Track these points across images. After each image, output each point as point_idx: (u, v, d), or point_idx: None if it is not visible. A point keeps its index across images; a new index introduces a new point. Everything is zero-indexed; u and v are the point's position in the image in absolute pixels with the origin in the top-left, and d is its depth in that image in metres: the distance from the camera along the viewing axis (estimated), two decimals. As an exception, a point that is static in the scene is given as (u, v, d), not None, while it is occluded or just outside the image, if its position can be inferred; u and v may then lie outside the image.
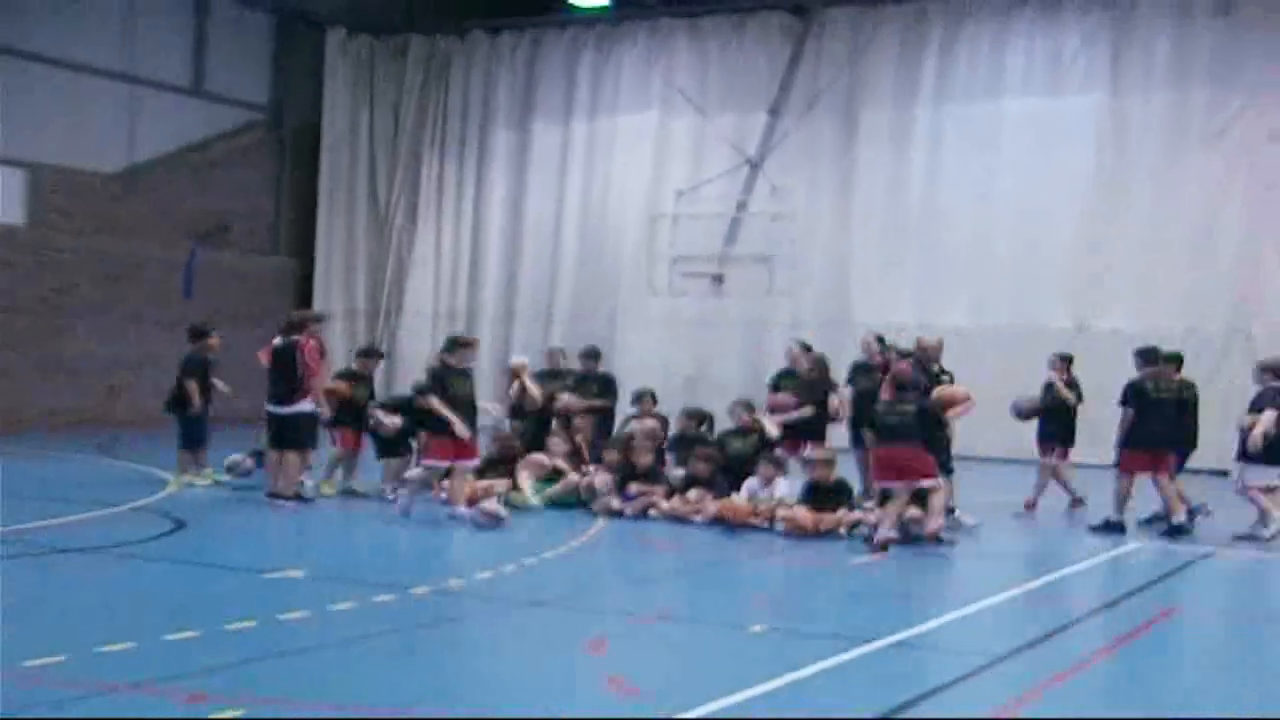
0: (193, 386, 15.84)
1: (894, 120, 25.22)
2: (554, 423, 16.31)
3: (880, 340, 15.86)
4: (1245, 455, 14.32)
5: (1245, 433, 14.29)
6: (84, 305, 24.67)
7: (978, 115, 24.52)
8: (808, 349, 16.11)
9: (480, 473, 14.64)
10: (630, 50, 27.66)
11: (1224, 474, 15.96)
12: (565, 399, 16.45)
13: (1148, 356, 14.93)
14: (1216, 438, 21.27)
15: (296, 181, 29.39)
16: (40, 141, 23.90)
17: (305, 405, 14.60)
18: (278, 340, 14.93)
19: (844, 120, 25.64)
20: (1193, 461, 15.86)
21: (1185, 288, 22.71)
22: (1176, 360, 15.33)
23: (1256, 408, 14.32)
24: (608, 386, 17.10)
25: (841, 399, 15.46)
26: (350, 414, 15.55)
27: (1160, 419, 14.52)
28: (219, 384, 16.39)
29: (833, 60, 25.73)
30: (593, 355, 17.38)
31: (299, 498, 14.57)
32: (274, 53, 29.05)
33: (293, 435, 14.61)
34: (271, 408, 14.75)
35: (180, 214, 26.63)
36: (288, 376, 14.58)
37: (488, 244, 28.85)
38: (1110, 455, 15.79)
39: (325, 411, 15.06)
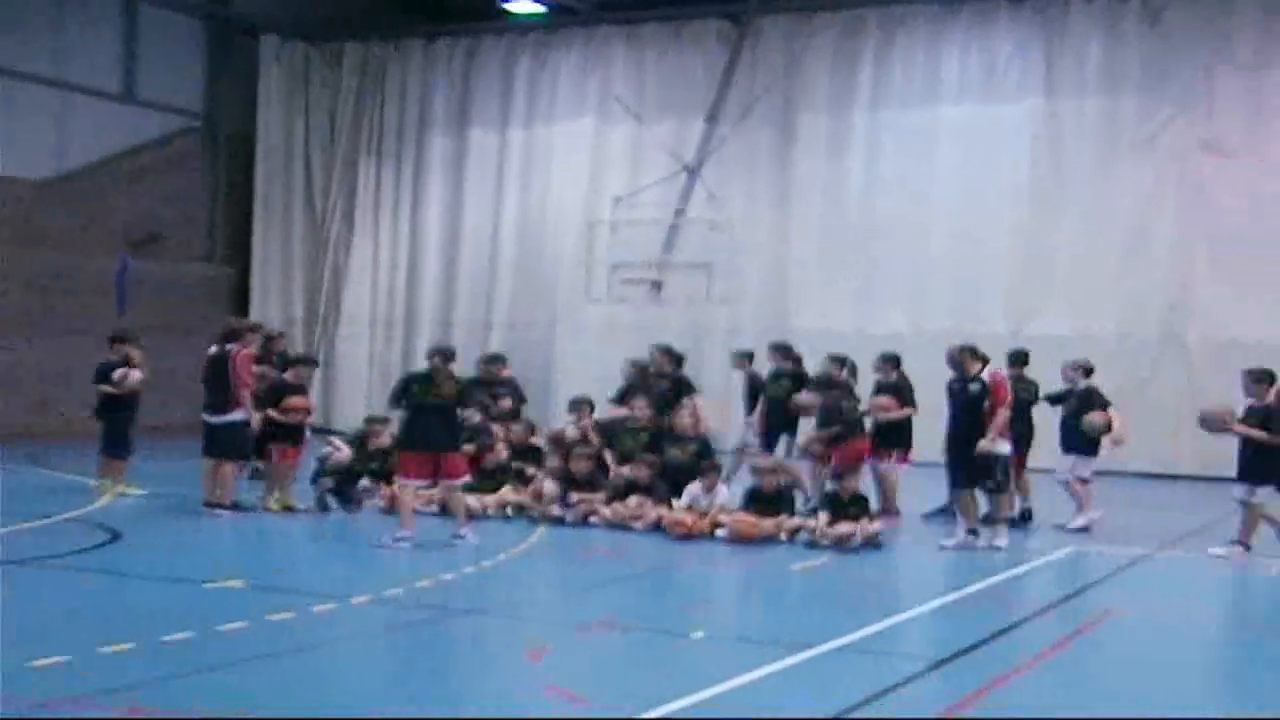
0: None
1: (830, 127, 25.33)
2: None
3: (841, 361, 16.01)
4: (1075, 448, 15.17)
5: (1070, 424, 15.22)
6: (13, 315, 24.27)
7: (913, 122, 24.66)
8: (667, 352, 16.24)
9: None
10: (567, 58, 27.62)
11: (1172, 478, 16.10)
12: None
13: (1014, 359, 15.88)
14: (1153, 442, 21.67)
15: (232, 189, 29.10)
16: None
17: (238, 415, 14.48)
18: (213, 349, 14.82)
19: (781, 127, 25.72)
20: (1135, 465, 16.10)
21: (1120, 293, 22.95)
22: (1024, 360, 16.01)
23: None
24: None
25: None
26: (287, 429, 15.37)
27: (1022, 419, 14.99)
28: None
29: (769, 67, 25.81)
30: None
31: (236, 507, 14.42)
32: (207, 59, 28.74)
33: (226, 445, 14.51)
34: (206, 417, 14.68)
35: (112, 222, 26.27)
36: (222, 386, 14.48)
37: (425, 252, 28.70)
38: (1045, 459, 16.03)
39: (255, 422, 14.90)
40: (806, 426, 15.87)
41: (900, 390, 15.57)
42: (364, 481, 15.25)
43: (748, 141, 25.87)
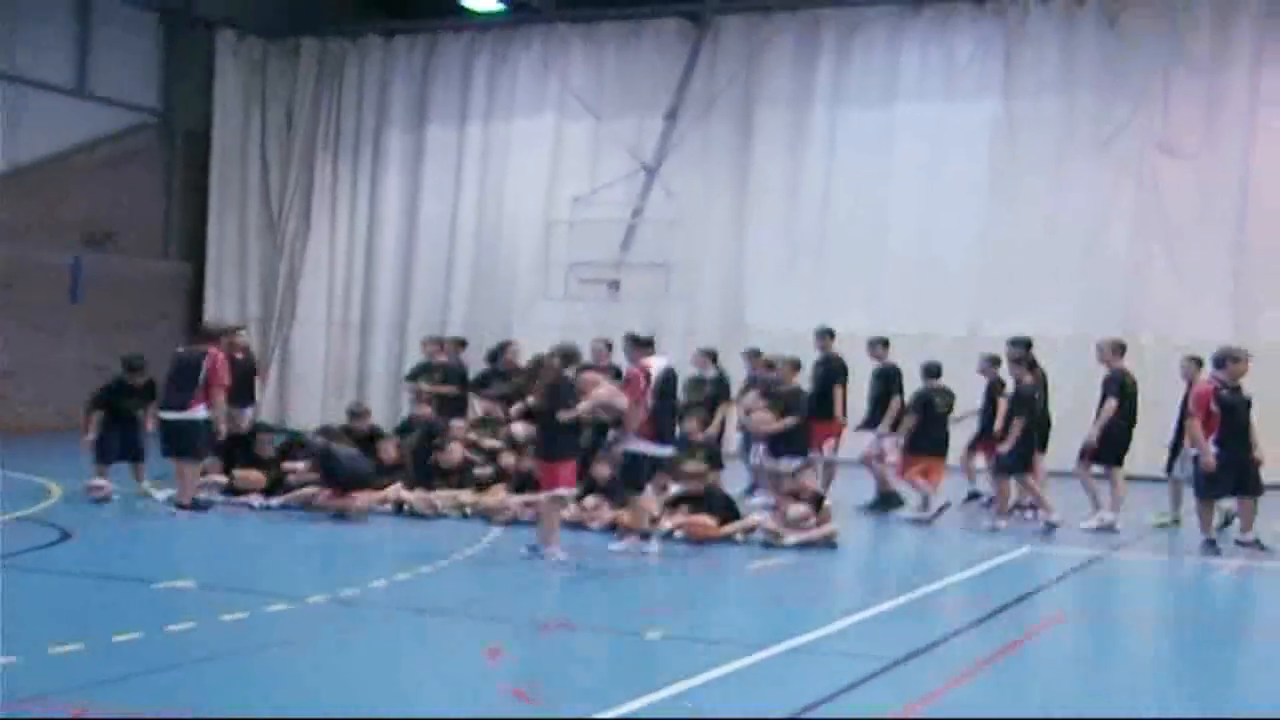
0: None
1: (789, 125, 25.36)
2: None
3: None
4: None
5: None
6: (-37, 310, 24.04)
7: (872, 120, 24.71)
8: (609, 347, 16.46)
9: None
10: (526, 54, 27.54)
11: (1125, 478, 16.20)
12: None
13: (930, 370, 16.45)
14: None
15: (187, 184, 28.85)
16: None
17: (199, 413, 14.38)
18: (182, 348, 14.80)
19: (740, 125, 25.73)
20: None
21: (1076, 294, 23.04)
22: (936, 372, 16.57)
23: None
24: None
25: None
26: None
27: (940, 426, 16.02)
28: None
29: (728, 65, 25.82)
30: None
31: (196, 506, 14.31)
32: (162, 54, 28.46)
33: (184, 443, 14.43)
34: (164, 414, 14.59)
35: (66, 218, 26.02)
36: (188, 384, 14.39)
37: (382, 249, 28.55)
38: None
39: (222, 429, 14.84)
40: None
41: (786, 398, 16.03)
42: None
43: (706, 139, 25.87)
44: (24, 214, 25.17)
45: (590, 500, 14.31)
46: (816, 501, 13.49)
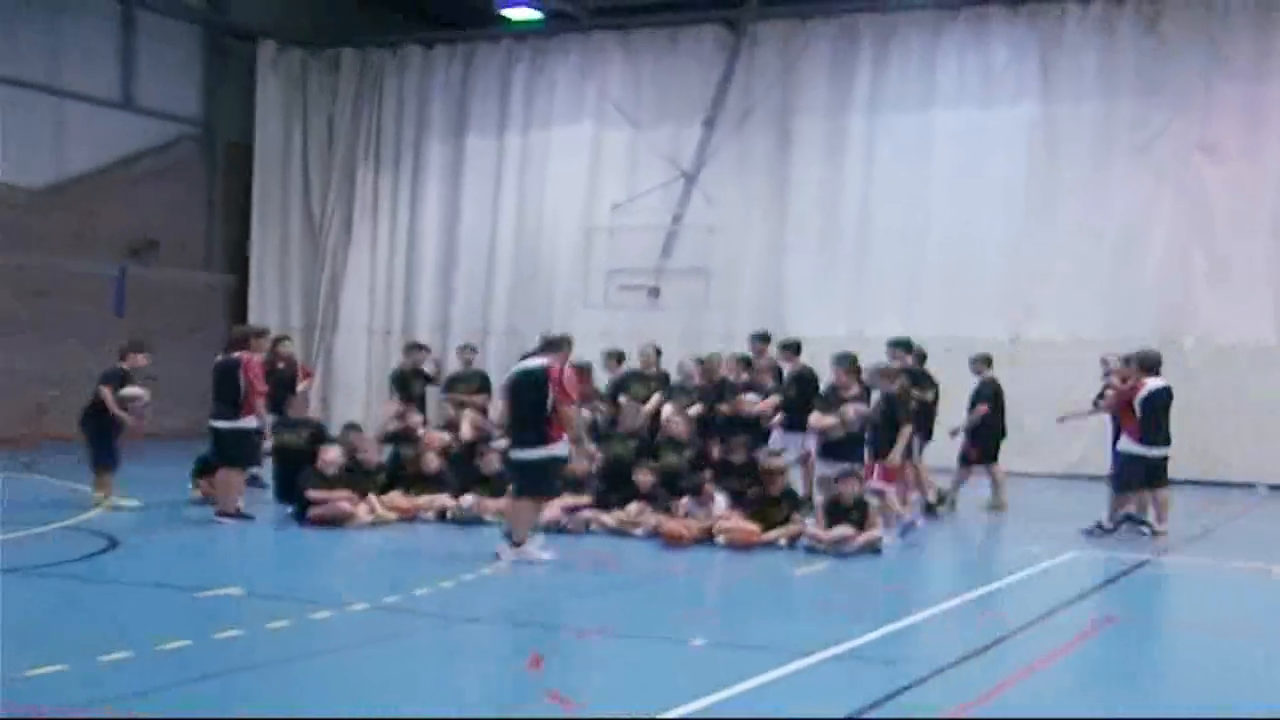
0: (106, 394, 15.48)
1: (827, 132, 25.35)
2: None
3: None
4: None
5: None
6: (8, 321, 24.26)
7: (910, 126, 24.68)
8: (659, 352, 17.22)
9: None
10: (563, 63, 27.63)
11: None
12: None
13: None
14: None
15: (229, 196, 29.09)
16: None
17: (247, 422, 14.50)
18: (220, 357, 14.90)
19: (777, 132, 25.74)
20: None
21: (1115, 297, 22.94)
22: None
23: None
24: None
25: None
26: None
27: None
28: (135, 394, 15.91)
29: (765, 73, 25.83)
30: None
31: (240, 514, 14.41)
32: (204, 66, 28.75)
33: (234, 451, 14.56)
34: (213, 423, 14.73)
35: (109, 230, 26.27)
36: (230, 393, 14.55)
37: (423, 258, 28.70)
38: (1043, 464, 16.28)
39: (268, 434, 15.00)
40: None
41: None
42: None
43: (744, 147, 25.88)
44: (67, 226, 25.42)
45: (633, 507, 14.32)
46: (861, 508, 13.41)
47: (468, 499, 14.81)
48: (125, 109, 26.77)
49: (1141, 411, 14.70)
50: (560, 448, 12.39)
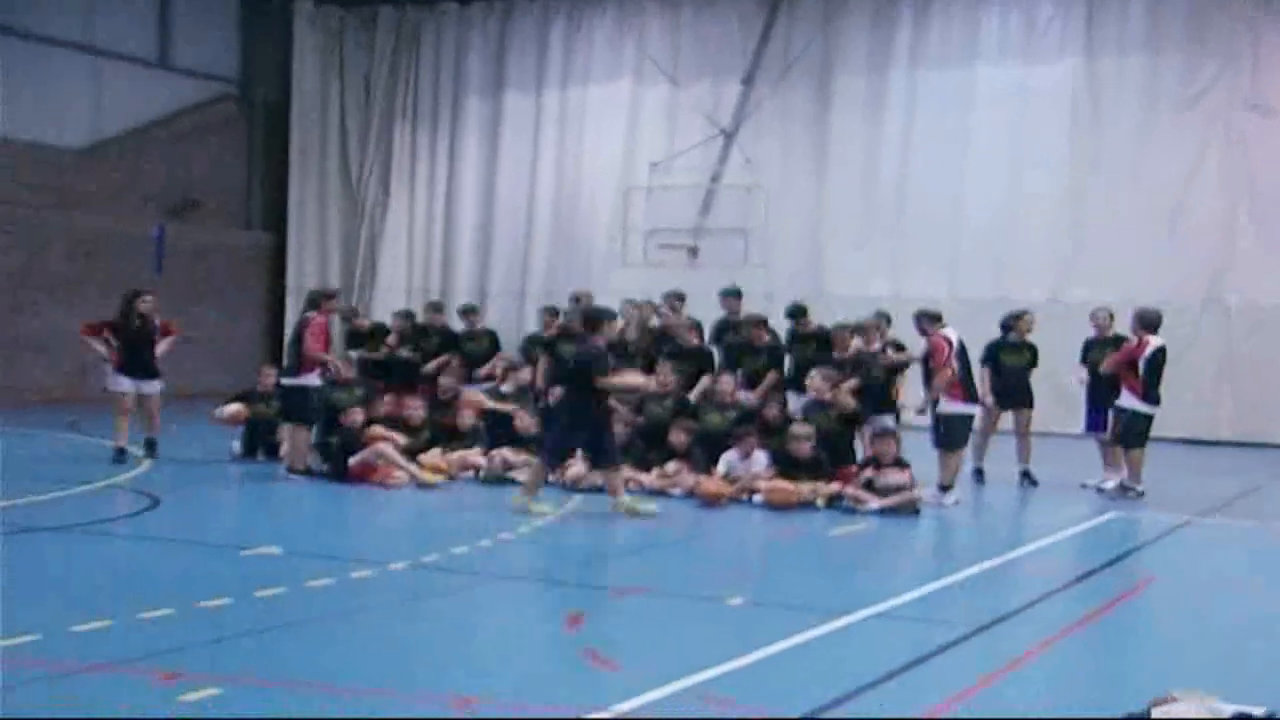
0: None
1: (868, 88, 25.13)
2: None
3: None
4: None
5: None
6: (51, 281, 24.44)
7: (952, 83, 24.43)
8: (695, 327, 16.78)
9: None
10: (601, 19, 27.49)
11: (1212, 444, 16.02)
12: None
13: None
14: (1192, 407, 21.52)
15: (268, 154, 29.15)
16: (4, 116, 23.57)
17: (305, 379, 14.59)
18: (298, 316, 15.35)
19: (818, 89, 25.53)
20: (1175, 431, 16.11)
21: (1160, 257, 22.69)
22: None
23: None
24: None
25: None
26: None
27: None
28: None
29: (806, 28, 25.61)
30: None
31: (309, 471, 14.52)
32: (241, 24, 28.76)
33: (291, 408, 14.79)
34: (282, 380, 15.03)
35: (149, 188, 26.40)
36: (294, 350, 14.84)
37: (461, 216, 28.69)
38: (1078, 424, 16.19)
39: (341, 370, 15.18)
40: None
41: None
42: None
43: (784, 104, 25.70)
44: (107, 186, 25.55)
45: (670, 466, 14.32)
46: (901, 467, 13.38)
47: (500, 455, 14.87)
48: (163, 68, 26.83)
49: (1145, 370, 14.71)
50: None
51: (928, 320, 14.64)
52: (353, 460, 14.30)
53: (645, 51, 26.81)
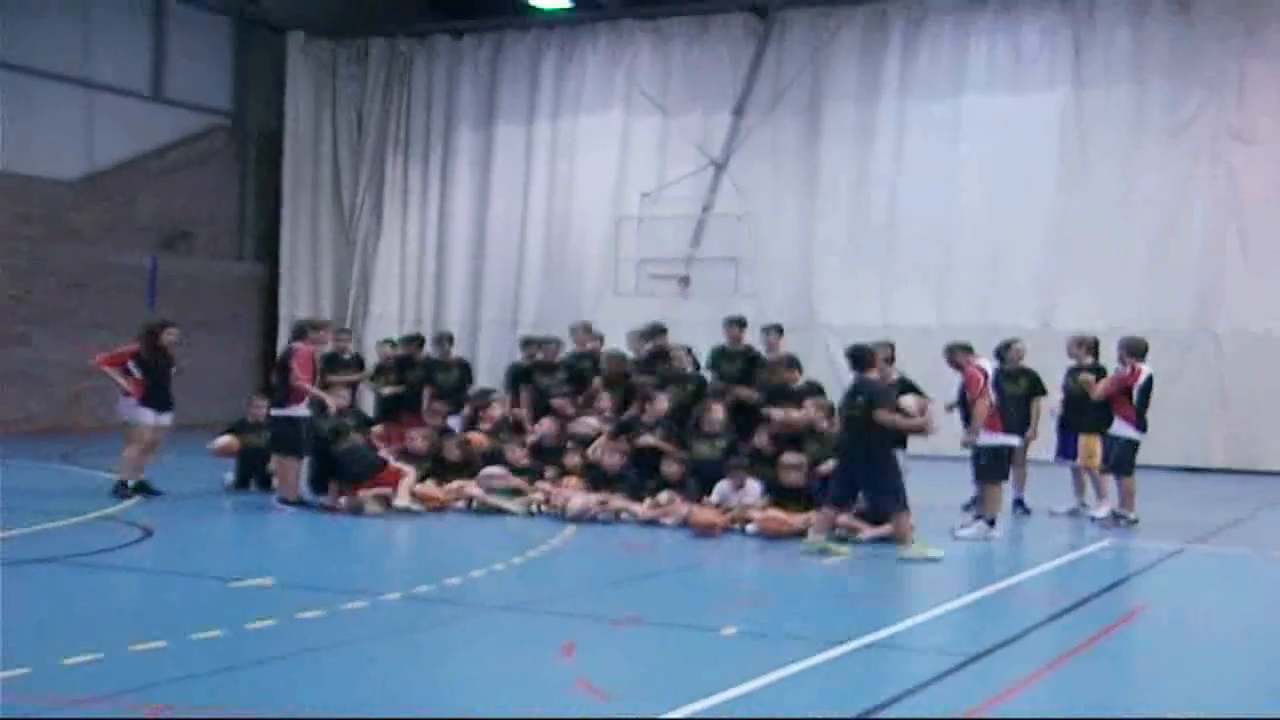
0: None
1: (857, 119, 25.26)
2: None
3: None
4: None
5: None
6: (43, 313, 24.46)
7: (941, 113, 24.58)
8: (689, 351, 16.70)
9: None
10: (593, 51, 27.61)
11: (1202, 471, 16.06)
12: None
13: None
14: (1184, 435, 21.57)
15: (261, 186, 29.23)
16: (-1, 148, 23.69)
17: (292, 410, 14.57)
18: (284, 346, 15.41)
19: (807, 119, 25.66)
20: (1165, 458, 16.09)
21: (1149, 284, 22.81)
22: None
23: None
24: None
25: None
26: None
27: None
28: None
29: (795, 59, 25.75)
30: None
31: (301, 503, 14.54)
32: (234, 57, 28.88)
33: (278, 439, 14.82)
34: (270, 410, 15.09)
35: (142, 220, 26.46)
36: (281, 381, 14.81)
37: (453, 247, 28.75)
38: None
39: (332, 405, 15.16)
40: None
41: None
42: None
43: (774, 134, 25.82)
44: (100, 217, 25.62)
45: (663, 496, 14.32)
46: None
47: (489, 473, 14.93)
48: (156, 100, 26.92)
49: (1139, 398, 14.78)
50: None
51: (961, 352, 14.32)
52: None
53: (636, 82, 26.94)
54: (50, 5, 24.76)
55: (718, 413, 15.00)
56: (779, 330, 16.49)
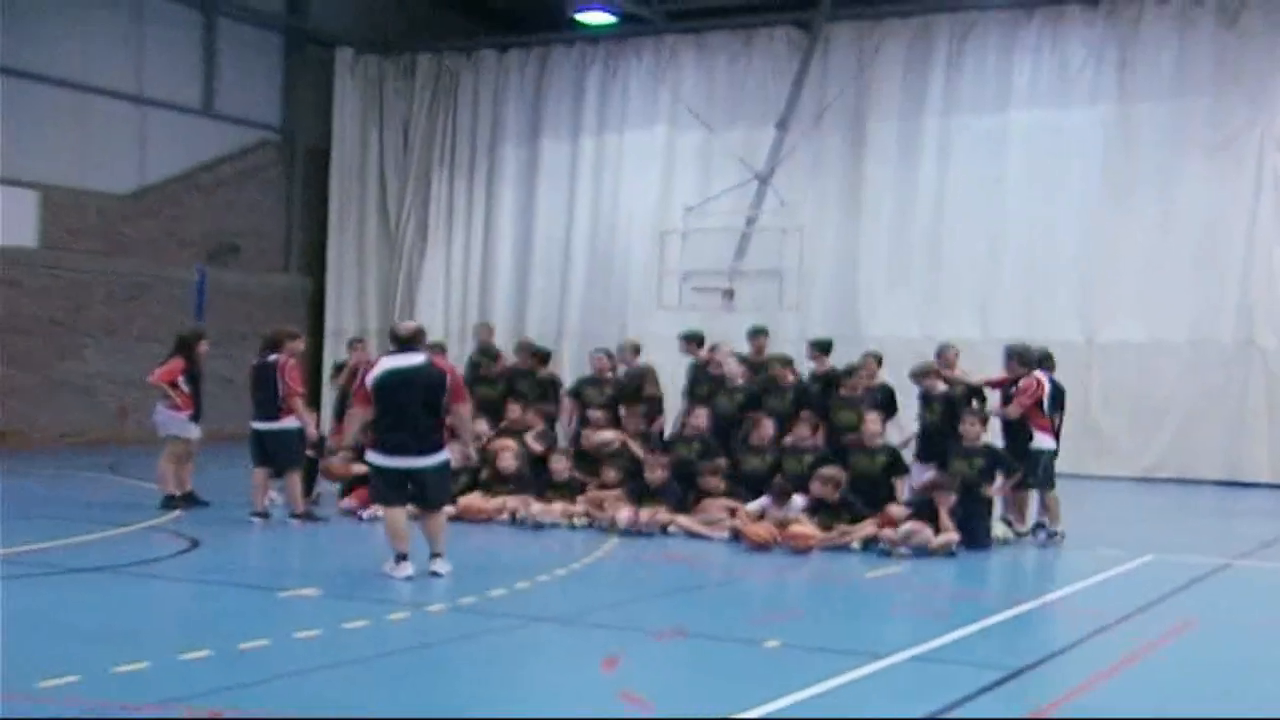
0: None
1: (901, 133, 25.24)
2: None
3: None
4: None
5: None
6: (95, 325, 24.75)
7: (985, 127, 24.53)
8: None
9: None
10: (637, 66, 27.70)
11: (1247, 485, 15.92)
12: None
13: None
14: (1229, 449, 21.41)
15: (308, 200, 29.48)
16: (51, 163, 23.99)
17: (289, 423, 14.61)
18: (255, 360, 15.04)
19: (851, 133, 25.66)
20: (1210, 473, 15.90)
21: (1193, 298, 22.69)
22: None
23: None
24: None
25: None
26: None
27: None
28: None
29: (839, 74, 25.76)
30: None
31: (310, 516, 14.59)
32: (284, 72, 29.16)
33: (275, 453, 14.58)
34: (254, 425, 14.74)
35: (191, 234, 26.74)
36: (268, 395, 14.58)
37: (498, 262, 28.88)
38: (1119, 467, 15.95)
39: (312, 430, 15.10)
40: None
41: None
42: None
43: (818, 148, 25.82)
44: (150, 231, 25.90)
45: (716, 508, 14.36)
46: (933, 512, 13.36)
47: (534, 505, 14.92)
48: (206, 115, 27.19)
49: (1050, 407, 14.48)
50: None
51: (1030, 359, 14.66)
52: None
53: (680, 97, 27.00)
54: (106, 24, 25.07)
55: (768, 428, 15.00)
56: (764, 332, 17.49)
